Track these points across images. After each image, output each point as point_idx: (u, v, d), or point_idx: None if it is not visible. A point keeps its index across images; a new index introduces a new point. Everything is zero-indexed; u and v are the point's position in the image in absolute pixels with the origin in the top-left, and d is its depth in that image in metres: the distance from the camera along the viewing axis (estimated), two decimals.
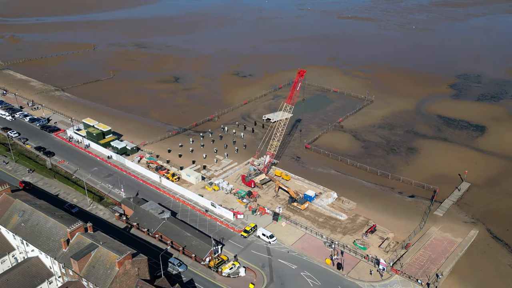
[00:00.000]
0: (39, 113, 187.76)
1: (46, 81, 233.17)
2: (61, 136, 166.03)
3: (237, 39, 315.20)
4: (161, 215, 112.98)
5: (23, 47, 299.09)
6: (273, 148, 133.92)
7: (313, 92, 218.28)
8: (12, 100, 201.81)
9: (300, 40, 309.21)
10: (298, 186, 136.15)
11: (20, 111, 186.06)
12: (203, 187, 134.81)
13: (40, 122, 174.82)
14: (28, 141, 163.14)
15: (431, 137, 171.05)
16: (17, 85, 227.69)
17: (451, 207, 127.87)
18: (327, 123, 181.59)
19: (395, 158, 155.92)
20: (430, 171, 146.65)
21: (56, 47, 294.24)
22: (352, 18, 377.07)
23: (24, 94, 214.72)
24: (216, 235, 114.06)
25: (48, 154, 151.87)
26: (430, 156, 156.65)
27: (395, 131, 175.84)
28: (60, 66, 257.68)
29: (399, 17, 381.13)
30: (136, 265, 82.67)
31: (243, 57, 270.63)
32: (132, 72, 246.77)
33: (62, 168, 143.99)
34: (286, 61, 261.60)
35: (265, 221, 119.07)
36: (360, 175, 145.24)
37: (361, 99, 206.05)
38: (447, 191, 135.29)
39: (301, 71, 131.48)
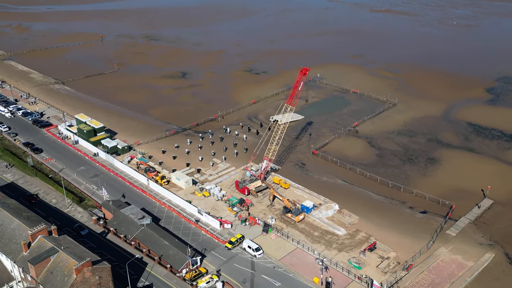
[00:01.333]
0: (35, 107, 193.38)
1: (47, 74, 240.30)
2: (52, 132, 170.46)
3: (255, 32, 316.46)
4: (140, 220, 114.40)
5: (29, 37, 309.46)
6: (271, 152, 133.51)
7: (330, 92, 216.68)
8: (9, 92, 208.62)
9: (325, 35, 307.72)
10: (297, 195, 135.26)
11: (14, 104, 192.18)
12: (193, 192, 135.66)
13: (32, 117, 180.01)
14: (18, 136, 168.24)
15: (456, 146, 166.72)
16: (17, 77, 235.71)
17: (467, 226, 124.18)
18: (341, 127, 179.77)
19: (411, 169, 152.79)
20: (449, 185, 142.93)
21: (63, 38, 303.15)
22: (386, 11, 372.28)
23: (23, 86, 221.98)
24: (199, 245, 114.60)
25: (36, 151, 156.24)
26: (452, 168, 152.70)
27: (416, 139, 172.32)
28: (64, 58, 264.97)
29: (439, 11, 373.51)
30: (97, 273, 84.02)
31: (259, 53, 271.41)
32: (138, 66, 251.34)
33: (48, 166, 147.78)
34: (306, 58, 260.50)
35: (254, 233, 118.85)
36: (369, 186, 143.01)
37: (382, 101, 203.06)
38: (465, 208, 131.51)
39: (303, 69, 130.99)
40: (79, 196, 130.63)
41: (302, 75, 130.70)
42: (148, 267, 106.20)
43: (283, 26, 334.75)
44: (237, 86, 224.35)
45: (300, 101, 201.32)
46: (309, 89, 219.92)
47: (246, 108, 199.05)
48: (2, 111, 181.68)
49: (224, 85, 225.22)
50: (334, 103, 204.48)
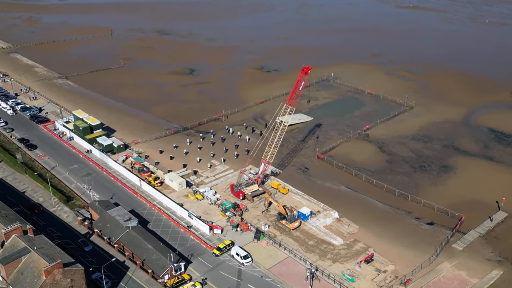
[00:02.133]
0: (34, 102, 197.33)
1: (52, 68, 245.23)
2: (49, 128, 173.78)
3: (270, 28, 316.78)
4: (126, 222, 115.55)
5: (38, 30, 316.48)
6: (269, 155, 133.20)
7: (343, 93, 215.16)
8: (12, 86, 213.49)
9: (344, 32, 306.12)
10: (295, 201, 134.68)
11: (13, 99, 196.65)
12: (186, 194, 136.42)
13: (30, 112, 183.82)
14: (14, 132, 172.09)
15: (473, 154, 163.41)
16: (21, 70, 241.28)
17: (476, 241, 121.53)
18: (351, 130, 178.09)
19: (422, 177, 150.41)
20: (461, 195, 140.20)
21: (71, 31, 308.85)
22: (413, 8, 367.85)
23: (25, 80, 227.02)
24: (186, 250, 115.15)
25: (30, 147, 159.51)
26: (466, 177, 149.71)
27: (431, 145, 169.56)
28: (71, 52, 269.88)
29: (471, 8, 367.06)
30: (69, 276, 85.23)
31: (273, 50, 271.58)
32: (145, 62, 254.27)
33: (40, 163, 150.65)
34: (322, 56, 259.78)
35: (245, 239, 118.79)
36: (374, 194, 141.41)
37: (399, 104, 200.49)
38: (476, 221, 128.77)
39: (305, 68, 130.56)
40: (68, 196, 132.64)
41: (304, 74, 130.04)
42: (130, 271, 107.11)
43: (301, 22, 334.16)
44: (246, 85, 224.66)
45: (311, 102, 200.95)
46: (321, 89, 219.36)
47: (252, 108, 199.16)
48: (4, 108, 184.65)
49: (233, 83, 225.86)
50: (346, 104, 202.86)
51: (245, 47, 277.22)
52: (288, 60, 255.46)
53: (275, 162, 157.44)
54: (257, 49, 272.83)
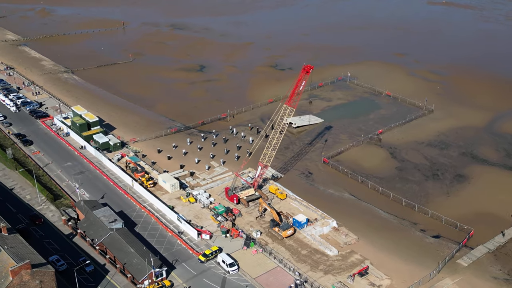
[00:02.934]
0: (35, 97, 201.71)
1: (59, 61, 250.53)
2: (47, 124, 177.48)
3: (290, 24, 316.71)
4: (111, 224, 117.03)
5: (50, 22, 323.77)
6: (267, 158, 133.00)
7: (359, 94, 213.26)
8: (17, 79, 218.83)
9: (369, 29, 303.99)
10: (292, 208, 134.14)
11: (15, 93, 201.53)
12: (178, 197, 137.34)
13: (30, 107, 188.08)
14: (11, 127, 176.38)
15: (492, 163, 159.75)
16: (28, 63, 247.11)
17: (484, 257, 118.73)
18: (363, 133, 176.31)
19: (434, 186, 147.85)
20: (474, 207, 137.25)
21: (84, 24, 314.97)
22: (446, 4, 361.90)
23: (31, 73, 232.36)
24: (171, 255, 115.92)
25: (25, 143, 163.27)
26: (481, 187, 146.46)
27: (448, 152, 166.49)
28: (80, 45, 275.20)
29: None
30: (39, 277, 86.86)
31: (289, 46, 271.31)
32: (155, 57, 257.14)
33: (33, 159, 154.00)
34: (341, 54, 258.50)
35: (234, 246, 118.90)
36: (379, 203, 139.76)
37: (417, 107, 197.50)
38: (487, 235, 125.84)
39: (306, 67, 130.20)
40: (56, 194, 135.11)
41: (305, 73, 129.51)
42: (110, 275, 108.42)
43: (323, 18, 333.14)
44: (257, 83, 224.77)
45: (321, 103, 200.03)
46: (336, 89, 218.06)
47: (260, 108, 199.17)
48: (7, 104, 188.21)
49: (243, 81, 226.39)
50: (361, 106, 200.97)
51: (261, 44, 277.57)
52: (305, 57, 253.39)
53: (277, 166, 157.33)
54: (273, 46, 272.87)
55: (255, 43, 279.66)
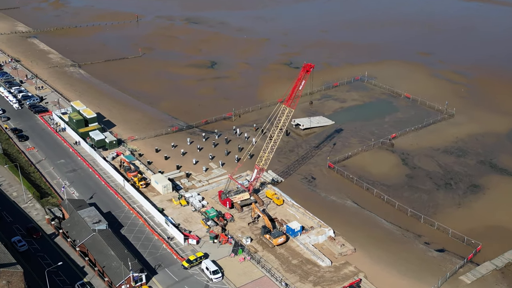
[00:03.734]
0: (36, 91, 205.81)
1: (67, 55, 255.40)
2: (45, 119, 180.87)
3: (310, 20, 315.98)
4: (94, 225, 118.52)
5: (62, 14, 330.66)
6: (263, 161, 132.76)
7: (377, 95, 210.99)
8: (18, 73, 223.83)
9: (395, 26, 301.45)
10: (288, 214, 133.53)
11: (17, 86, 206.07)
12: (170, 199, 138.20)
13: (30, 101, 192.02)
14: (9, 121, 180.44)
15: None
16: (35, 56, 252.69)
17: (490, 274, 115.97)
18: (375, 138, 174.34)
19: (445, 196, 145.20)
20: (485, 220, 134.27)
21: (96, 16, 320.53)
22: (482, 1, 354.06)
23: (36, 67, 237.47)
24: (154, 260, 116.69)
25: (20, 138, 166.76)
26: (496, 199, 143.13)
27: (464, 160, 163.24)
28: (90, 39, 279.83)
29: None
30: (6, 278, 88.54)
31: (306, 43, 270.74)
32: (166, 52, 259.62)
33: (26, 155, 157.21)
34: (360, 52, 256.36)
35: (222, 252, 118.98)
36: (383, 212, 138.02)
37: (437, 111, 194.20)
38: (496, 251, 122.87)
39: (307, 65, 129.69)
40: (45, 192, 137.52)
41: (305, 72, 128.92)
42: (87, 278, 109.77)
43: (346, 13, 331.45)
44: (268, 81, 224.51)
45: (334, 104, 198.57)
46: (352, 89, 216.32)
47: (268, 108, 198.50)
48: (10, 101, 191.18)
49: (254, 79, 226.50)
50: (377, 108, 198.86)
51: (276, 40, 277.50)
52: (321, 55, 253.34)
53: (279, 169, 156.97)
54: (289, 42, 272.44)
55: (271, 39, 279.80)
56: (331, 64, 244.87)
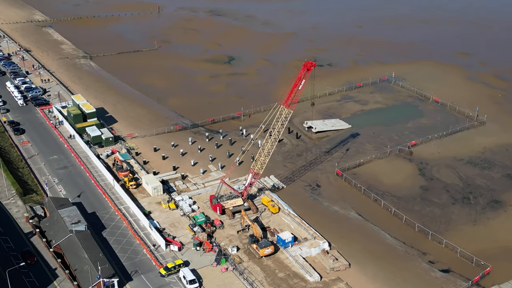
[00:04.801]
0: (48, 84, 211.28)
1: (80, 46, 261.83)
2: (44, 112, 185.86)
3: (344, 13, 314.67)
4: (73, 225, 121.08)
5: (83, 3, 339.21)
6: (259, 165, 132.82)
7: (403, 98, 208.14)
8: (25, 63, 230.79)
9: (436, 22, 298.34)
10: (282, 223, 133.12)
11: (22, 77, 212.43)
12: (160, 201, 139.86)
13: (33, 93, 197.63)
14: (8, 113, 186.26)
15: None
16: (46, 47, 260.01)
17: None
18: (394, 144, 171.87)
19: (461, 212, 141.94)
20: (502, 240, 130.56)
21: (117, 6, 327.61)
22: None
23: (47, 57, 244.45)
24: (132, 265, 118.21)
25: (16, 131, 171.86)
26: None
27: (489, 172, 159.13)
28: (107, 29, 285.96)
29: None
30: None
31: (336, 39, 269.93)
32: (183, 46, 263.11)
33: (19, 150, 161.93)
34: (394, 51, 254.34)
35: (204, 261, 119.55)
36: (388, 226, 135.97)
37: (467, 117, 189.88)
38: (508, 275, 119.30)
39: (307, 63, 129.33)
40: (29, 189, 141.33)
41: (305, 70, 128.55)
42: (58, 280, 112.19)
43: (386, 7, 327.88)
44: (287, 80, 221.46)
45: (353, 106, 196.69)
46: (376, 91, 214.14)
47: None
48: (15, 96, 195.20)
49: (272, 77, 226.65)
50: (400, 112, 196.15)
51: (303, 35, 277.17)
52: (349, 53, 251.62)
53: (282, 175, 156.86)
54: (317, 38, 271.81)
55: (298, 34, 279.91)
56: (359, 63, 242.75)
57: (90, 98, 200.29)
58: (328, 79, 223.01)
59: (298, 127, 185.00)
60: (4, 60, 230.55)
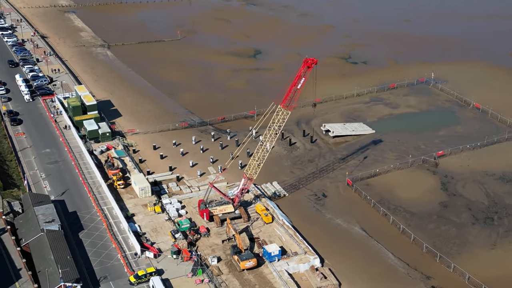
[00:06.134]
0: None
1: (100, 33, 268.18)
2: (45, 103, 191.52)
3: (393, 6, 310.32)
4: (46, 224, 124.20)
5: None
6: (252, 169, 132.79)
7: (440, 103, 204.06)
8: (35, 51, 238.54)
9: (495, 19, 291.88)
10: (274, 235, 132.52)
11: (31, 65, 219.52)
12: (146, 203, 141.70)
13: (38, 82, 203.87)
14: (9, 102, 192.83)
15: None
16: (65, 33, 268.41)
17: None
18: (418, 154, 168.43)
19: (480, 233, 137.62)
20: None
21: None
22: None
23: (62, 45, 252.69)
24: (103, 270, 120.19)
25: (13, 122, 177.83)
26: None
27: None
28: (132, 17, 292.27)
29: None
30: None
31: (377, 34, 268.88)
32: (209, 36, 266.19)
33: (11, 141, 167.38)
34: (439, 49, 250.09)
35: (179, 271, 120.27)
36: (394, 245, 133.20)
37: (510, 127, 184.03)
38: None
39: (308, 60, 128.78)
40: (12, 183, 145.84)
41: (305, 67, 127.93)
42: (20, 282, 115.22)
43: (441, 0, 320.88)
44: (316, 77, 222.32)
45: (382, 109, 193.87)
46: (411, 93, 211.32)
47: (303, 108, 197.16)
48: (22, 91, 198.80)
49: None
50: (433, 118, 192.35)
51: (342, 29, 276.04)
52: (390, 50, 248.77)
53: (287, 181, 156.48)
54: (356, 32, 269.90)
55: (336, 27, 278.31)
56: (398, 61, 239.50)
57: (98, 89, 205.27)
58: (359, 78, 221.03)
59: (315, 130, 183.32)
60: (16, 46, 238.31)
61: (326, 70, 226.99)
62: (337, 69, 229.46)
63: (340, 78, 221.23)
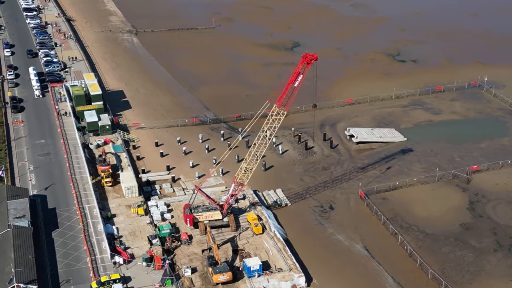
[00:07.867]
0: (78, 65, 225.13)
1: (131, 19, 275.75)
2: (52, 91, 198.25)
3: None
4: (14, 220, 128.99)
5: None
6: (244, 174, 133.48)
7: (490, 110, 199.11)
8: (54, 34, 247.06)
9: None
10: (261, 248, 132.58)
11: (48, 49, 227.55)
12: (130, 205, 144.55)
13: (50, 68, 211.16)
14: (15, 88, 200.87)
15: None
16: (93, 17, 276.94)
17: None
18: (450, 167, 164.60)
19: (501, 262, 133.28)
20: None
21: None
22: None
23: (88, 29, 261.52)
24: (67, 273, 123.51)
25: (14, 109, 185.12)
26: None
27: None
28: (168, 2, 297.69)
29: None
30: None
31: (436, 29, 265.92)
32: (246, 26, 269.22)
33: (6, 130, 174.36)
34: (503, 48, 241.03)
35: (148, 280, 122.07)
36: (397, 268, 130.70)
37: None
38: None
39: (307, 56, 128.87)
40: None
41: (304, 63, 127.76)
42: None
43: None
44: (354, 75, 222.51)
45: (421, 114, 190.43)
46: (458, 98, 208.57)
47: (331, 109, 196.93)
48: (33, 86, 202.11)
49: (337, 70, 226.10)
50: (478, 128, 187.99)
51: (398, 22, 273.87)
52: (446, 47, 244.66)
53: (294, 190, 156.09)
54: (412, 26, 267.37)
55: (392, 19, 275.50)
56: (454, 61, 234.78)
57: (113, 79, 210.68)
58: (404, 78, 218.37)
59: (339, 134, 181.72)
60: (37, 29, 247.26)
61: (368, 67, 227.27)
62: (379, 67, 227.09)
63: (381, 77, 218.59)
